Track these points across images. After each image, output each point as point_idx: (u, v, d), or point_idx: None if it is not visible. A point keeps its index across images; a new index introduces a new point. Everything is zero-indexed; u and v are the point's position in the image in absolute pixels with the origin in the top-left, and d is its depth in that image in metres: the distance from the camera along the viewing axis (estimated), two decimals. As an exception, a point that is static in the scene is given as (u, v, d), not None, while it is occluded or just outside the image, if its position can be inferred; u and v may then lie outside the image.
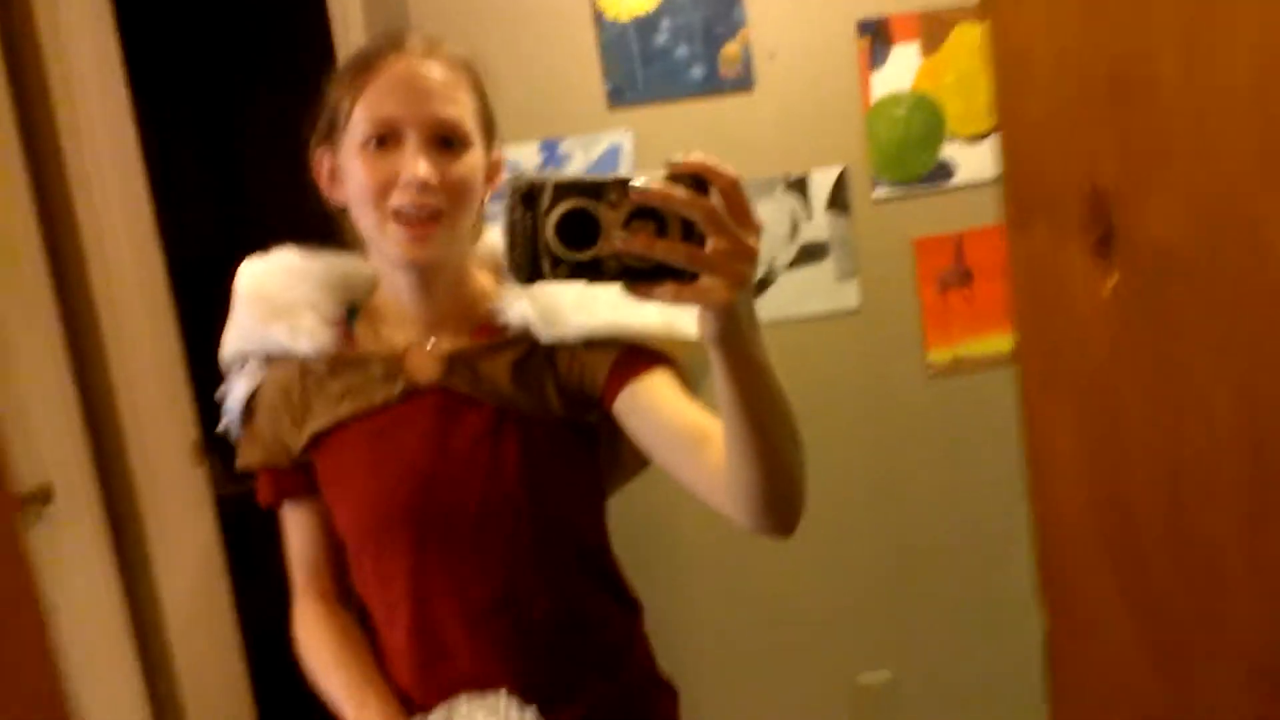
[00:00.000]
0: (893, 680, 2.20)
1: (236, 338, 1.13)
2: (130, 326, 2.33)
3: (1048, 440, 1.08)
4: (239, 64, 3.57)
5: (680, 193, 0.65)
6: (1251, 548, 1.15)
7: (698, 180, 0.66)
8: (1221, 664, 1.22)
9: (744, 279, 0.68)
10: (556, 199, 0.66)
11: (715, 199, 0.66)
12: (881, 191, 2.02)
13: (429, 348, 1.08)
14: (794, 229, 2.03)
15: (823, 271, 2.05)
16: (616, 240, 0.65)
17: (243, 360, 1.14)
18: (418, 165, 0.97)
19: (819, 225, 2.03)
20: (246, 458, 1.16)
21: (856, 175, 2.01)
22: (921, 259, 2.06)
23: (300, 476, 1.14)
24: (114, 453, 2.37)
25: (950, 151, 2.01)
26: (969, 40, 1.96)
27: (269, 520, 1.25)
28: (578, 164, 1.94)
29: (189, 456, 2.42)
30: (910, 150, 2.00)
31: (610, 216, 0.65)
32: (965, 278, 2.08)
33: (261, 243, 1.18)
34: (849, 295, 2.06)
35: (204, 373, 2.53)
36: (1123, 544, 1.11)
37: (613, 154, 1.94)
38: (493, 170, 1.07)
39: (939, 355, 2.11)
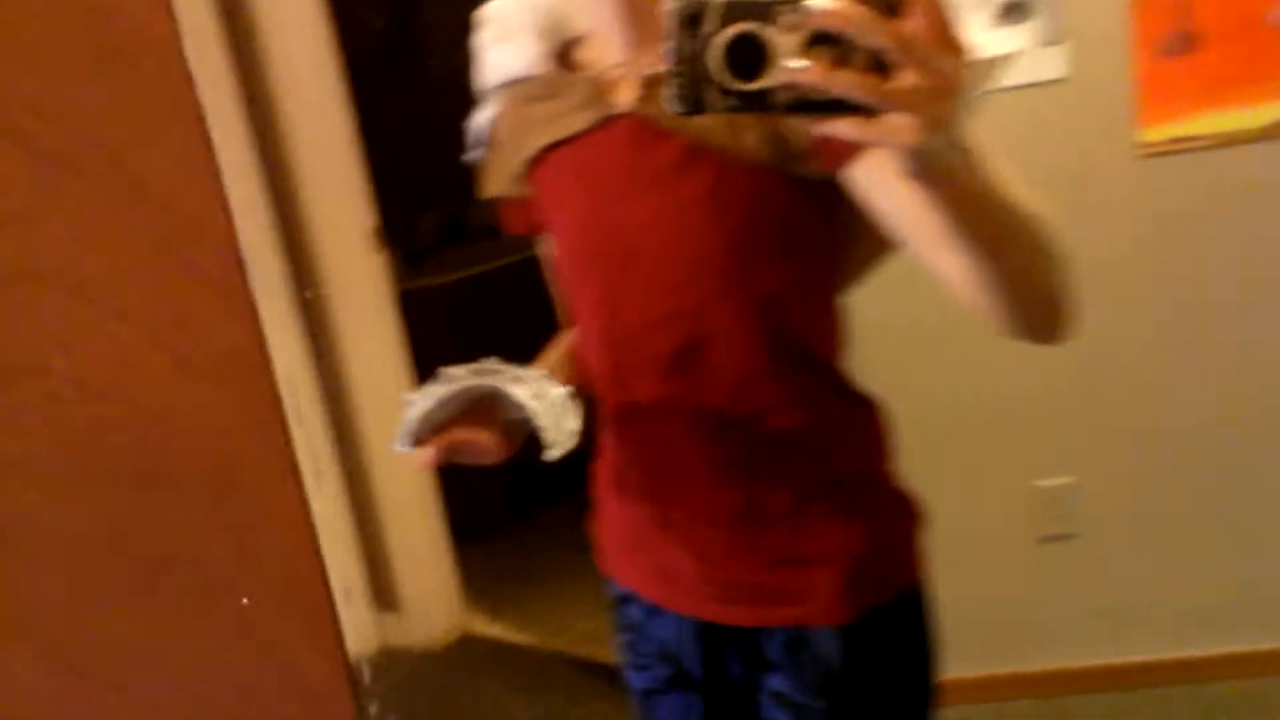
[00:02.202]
0: (1073, 485, 2.11)
1: (483, 68, 1.11)
2: (308, 112, 2.38)
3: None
4: None
5: (866, 15, 0.55)
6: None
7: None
8: None
9: (940, 119, 0.58)
10: (723, 21, 0.58)
11: (913, 22, 0.56)
12: (1099, -62, 1.79)
13: (629, 70, 0.98)
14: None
15: (1025, 35, 1.85)
16: (790, 69, 0.57)
17: (492, 90, 1.11)
18: None
19: (1022, -18, 1.82)
20: (488, 186, 1.14)
21: (1070, -81, 1.78)
22: (1141, 19, 1.82)
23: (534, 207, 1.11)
24: (298, 236, 2.47)
25: (1187, -115, 1.74)
26: None
27: (444, 314, 1.23)
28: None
29: (368, 242, 2.50)
30: (1138, -115, 1.74)
31: (783, 42, 0.57)
32: (1189, 42, 1.83)
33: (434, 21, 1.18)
34: (1054, 63, 1.86)
35: (376, 158, 2.58)
36: None
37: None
38: None
39: (1153, 133, 1.89)
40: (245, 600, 0.68)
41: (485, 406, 0.98)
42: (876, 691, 1.05)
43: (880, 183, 0.86)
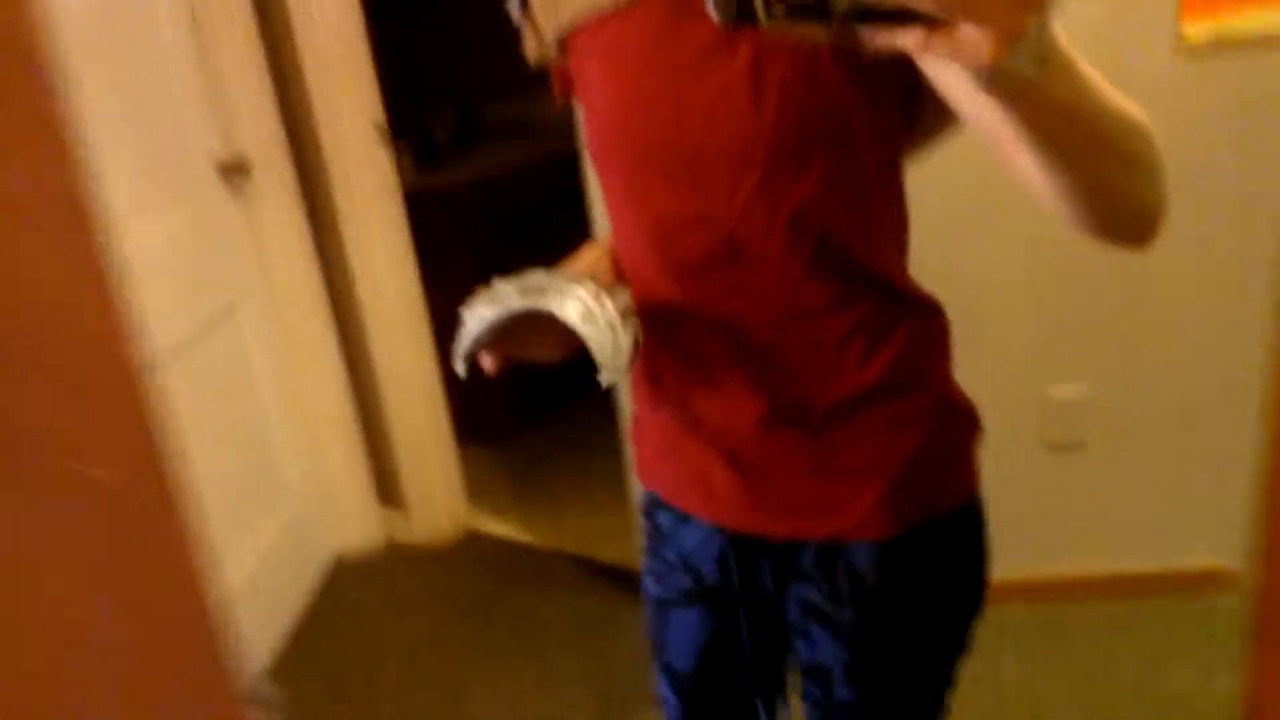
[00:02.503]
0: (1085, 394, 2.05)
1: None
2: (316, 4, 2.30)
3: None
4: None
5: None
6: None
7: None
8: None
9: (1019, 32, 0.51)
10: None
11: None
12: None
13: None
14: None
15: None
16: None
17: None
18: None
19: None
20: (529, 52, 1.03)
21: None
22: (1191, -98, 1.69)
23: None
24: (304, 131, 2.41)
25: None
26: None
27: (457, 215, 1.11)
28: None
29: (374, 137, 2.44)
30: None
31: None
32: (1245, -72, 1.70)
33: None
34: (1091, -49, 1.74)
35: (388, 57, 2.51)
36: None
37: None
38: None
39: (1196, 29, 1.77)
40: (82, 468, 0.64)
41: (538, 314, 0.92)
42: (913, 607, 1.00)
43: (957, 75, 0.76)
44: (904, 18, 0.51)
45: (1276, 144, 1.84)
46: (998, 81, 0.58)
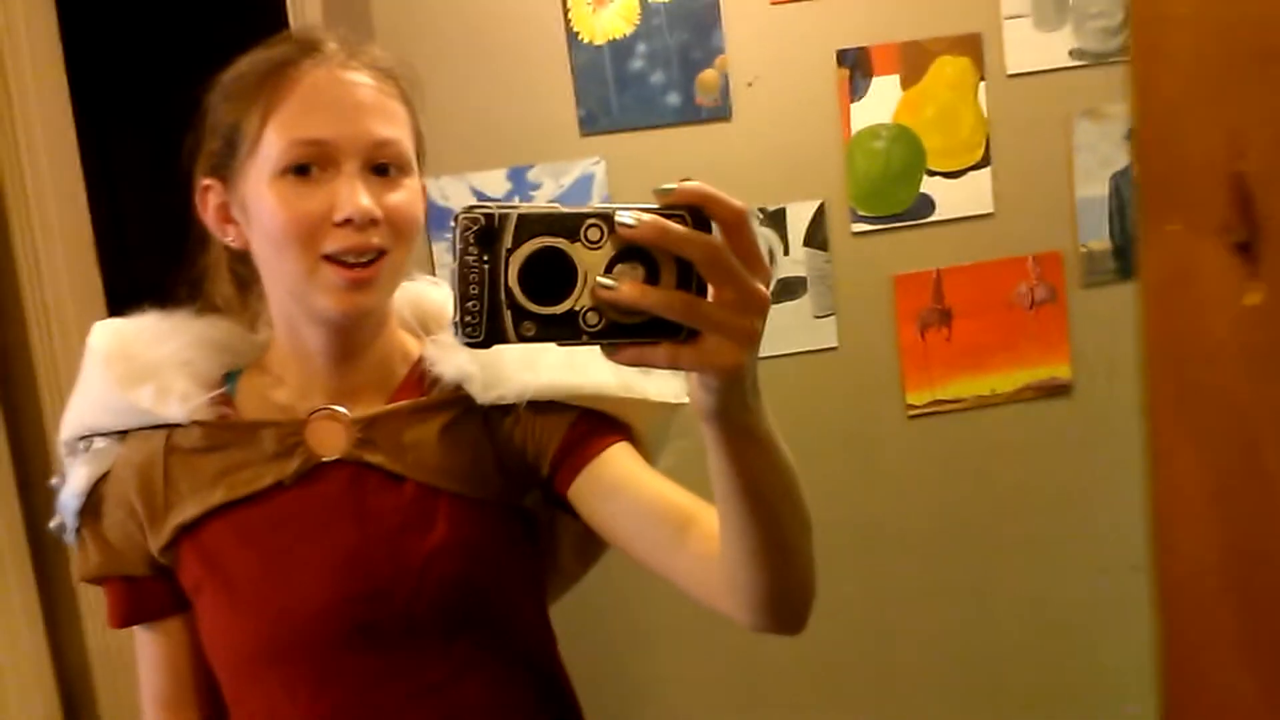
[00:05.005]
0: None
1: (84, 411, 0.92)
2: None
3: (1173, 475, 0.90)
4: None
5: (677, 229, 0.54)
6: None
7: (696, 215, 0.55)
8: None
9: (754, 335, 0.57)
10: (522, 236, 0.54)
11: (718, 237, 0.55)
12: (860, 226, 1.96)
13: (337, 412, 0.90)
14: (771, 264, 1.96)
15: (800, 308, 1.97)
16: (598, 289, 0.54)
17: (86, 441, 0.92)
18: (359, 198, 0.81)
19: (796, 260, 1.96)
20: (89, 565, 0.92)
21: (835, 209, 1.95)
22: (901, 297, 2.00)
23: (162, 588, 0.92)
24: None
25: (931, 186, 1.96)
26: (950, 73, 1.92)
27: None
28: (547, 193, 1.85)
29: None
30: (890, 183, 1.94)
31: (589, 259, 0.54)
32: (944, 317, 2.02)
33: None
34: (827, 333, 1.99)
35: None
36: (1261, 608, 0.88)
37: (584, 183, 1.86)
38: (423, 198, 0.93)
39: (918, 396, 2.04)
40: None
41: None
42: None
43: (609, 488, 0.86)
44: (652, 332, 0.55)
45: (983, 487, 2.08)
46: (732, 397, 0.60)
